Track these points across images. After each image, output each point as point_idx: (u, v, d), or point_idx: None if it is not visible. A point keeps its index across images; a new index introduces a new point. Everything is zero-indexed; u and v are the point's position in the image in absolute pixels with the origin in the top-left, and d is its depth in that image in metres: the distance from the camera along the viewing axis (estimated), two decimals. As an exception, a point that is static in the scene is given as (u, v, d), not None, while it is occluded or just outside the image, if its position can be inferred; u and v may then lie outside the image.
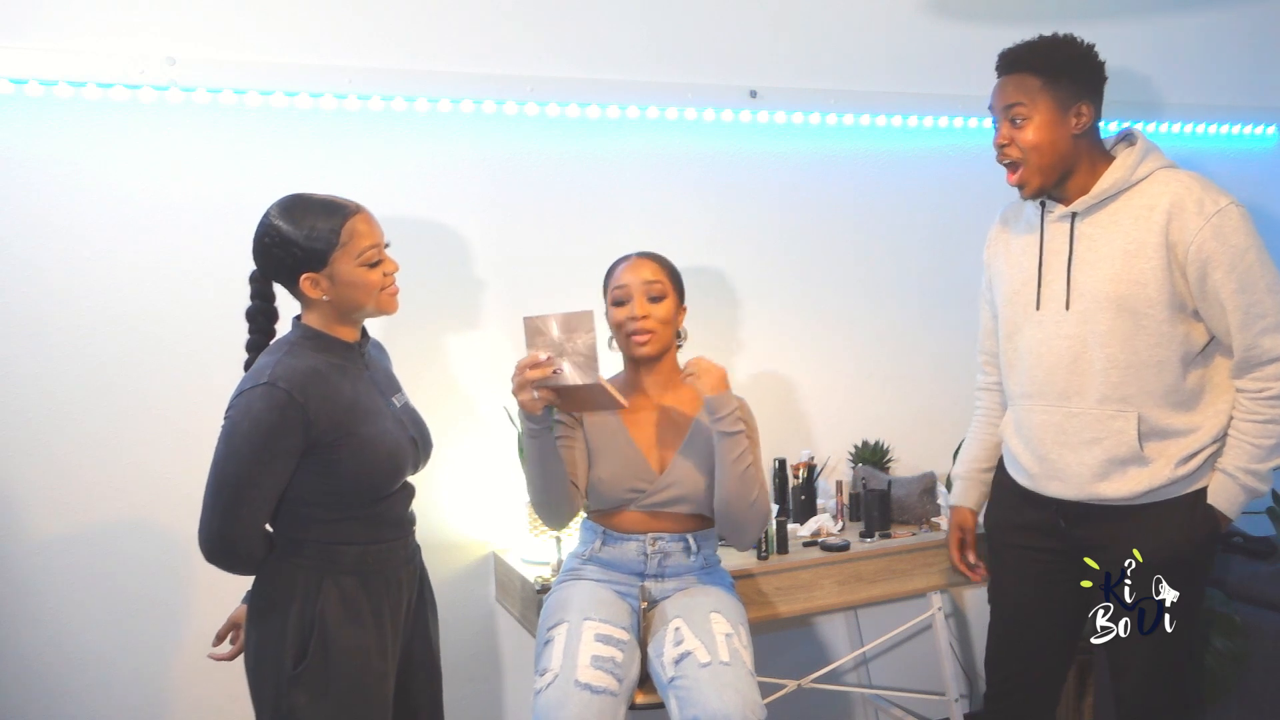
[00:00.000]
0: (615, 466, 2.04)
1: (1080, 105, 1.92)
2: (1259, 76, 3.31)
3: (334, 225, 1.68)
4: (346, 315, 1.75)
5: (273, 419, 1.61)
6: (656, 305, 2.05)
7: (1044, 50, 1.94)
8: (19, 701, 2.19)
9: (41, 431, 2.19)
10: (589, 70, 2.54)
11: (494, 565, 2.55)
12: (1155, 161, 1.95)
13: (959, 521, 2.29)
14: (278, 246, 1.68)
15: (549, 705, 1.82)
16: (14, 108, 2.13)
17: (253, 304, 1.79)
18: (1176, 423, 1.93)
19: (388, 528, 1.78)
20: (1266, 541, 2.66)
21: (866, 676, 3.00)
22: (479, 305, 2.53)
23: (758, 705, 1.83)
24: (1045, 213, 2.03)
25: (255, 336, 1.79)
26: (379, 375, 1.83)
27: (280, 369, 1.64)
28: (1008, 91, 1.95)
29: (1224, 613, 2.45)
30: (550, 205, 2.57)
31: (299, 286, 1.70)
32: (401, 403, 1.86)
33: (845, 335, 2.87)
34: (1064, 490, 2.01)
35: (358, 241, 1.70)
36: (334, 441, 1.66)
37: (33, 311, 2.17)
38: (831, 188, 2.84)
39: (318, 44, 2.32)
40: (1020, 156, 1.94)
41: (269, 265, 1.72)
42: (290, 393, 1.62)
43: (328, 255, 1.68)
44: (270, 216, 1.70)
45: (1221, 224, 1.86)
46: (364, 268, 1.71)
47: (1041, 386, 2.02)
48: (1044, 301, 2.01)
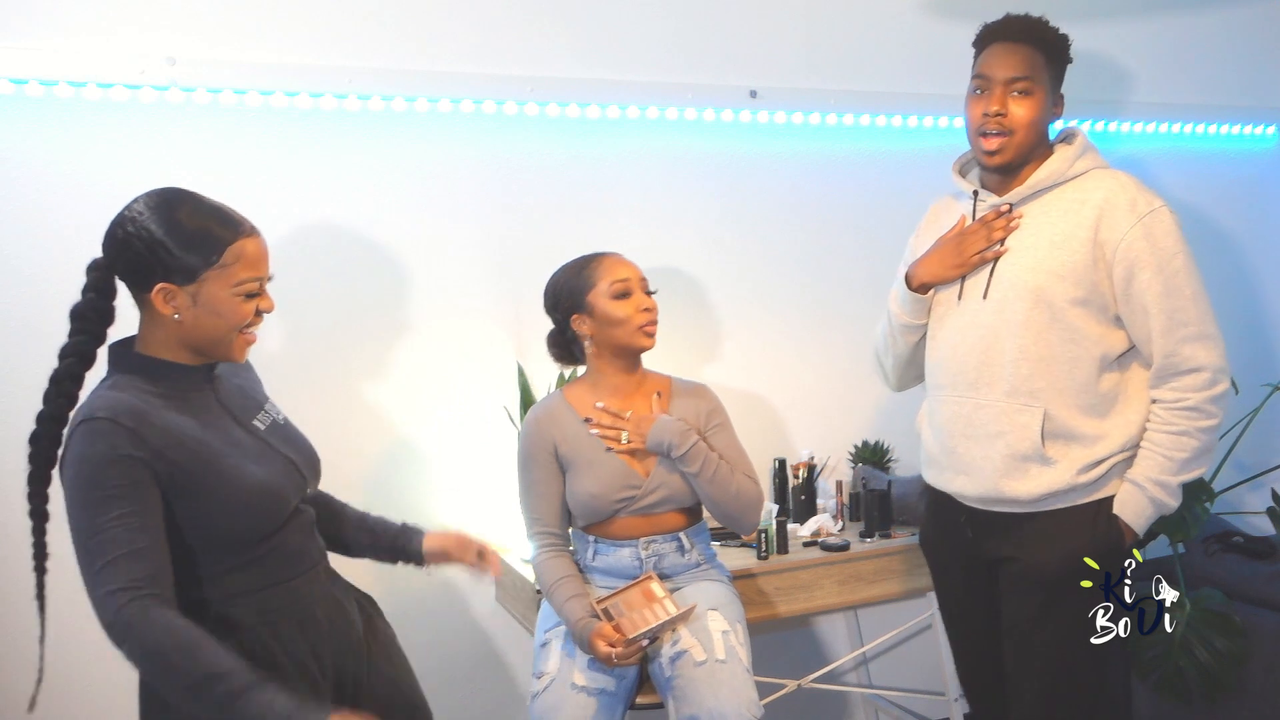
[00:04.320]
0: (601, 479, 2.02)
1: (1059, 94, 1.92)
2: (1259, 76, 3.30)
3: (221, 239, 1.43)
4: (189, 344, 1.48)
5: (98, 454, 1.35)
6: (653, 300, 2.06)
7: (1048, 30, 1.91)
8: (20, 702, 2.19)
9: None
10: (589, 70, 2.54)
11: (494, 565, 2.55)
12: (1092, 160, 1.92)
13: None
14: (142, 242, 1.42)
15: (545, 708, 1.82)
16: (14, 108, 2.13)
17: (85, 298, 1.47)
18: (1084, 427, 1.86)
19: (286, 565, 1.53)
20: (1266, 541, 2.66)
21: (866, 676, 2.99)
22: (479, 305, 2.53)
23: (754, 703, 1.83)
24: (978, 202, 1.99)
25: (78, 340, 1.47)
26: (232, 398, 1.56)
27: (99, 401, 1.40)
28: (1018, 62, 1.88)
29: (1224, 613, 2.44)
30: (550, 205, 2.57)
31: (148, 295, 1.43)
32: (268, 422, 1.59)
33: (846, 335, 2.87)
34: (967, 486, 1.96)
35: (242, 266, 1.45)
36: (188, 484, 1.41)
37: (32, 312, 2.17)
38: (832, 188, 2.84)
39: (318, 44, 2.32)
40: (1010, 128, 1.88)
41: (121, 260, 1.45)
42: (113, 419, 1.37)
43: (199, 271, 1.42)
44: (141, 205, 1.44)
45: (1153, 225, 1.81)
46: (238, 297, 1.46)
47: (953, 376, 1.97)
48: (966, 291, 1.97)
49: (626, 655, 1.83)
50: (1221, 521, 2.78)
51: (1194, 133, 3.20)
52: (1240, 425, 2.84)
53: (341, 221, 2.41)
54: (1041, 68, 1.89)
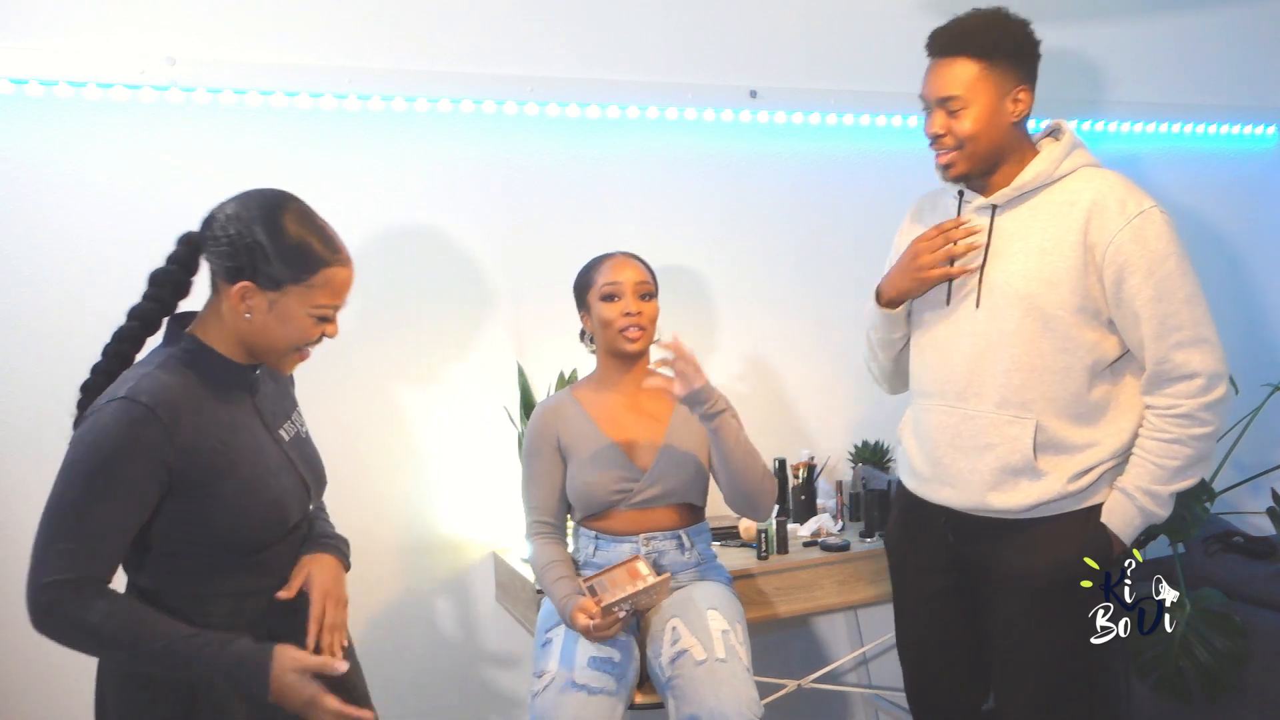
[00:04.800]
0: (599, 469, 2.04)
1: (1018, 90, 1.80)
2: (1259, 76, 3.30)
3: (318, 260, 1.44)
4: (247, 343, 1.48)
5: (121, 438, 1.33)
6: (647, 304, 2.07)
7: (980, 30, 1.80)
8: (20, 701, 2.19)
9: (42, 433, 2.19)
10: (589, 70, 2.54)
11: (494, 565, 2.55)
12: (1080, 158, 1.84)
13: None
14: (241, 238, 1.41)
15: (546, 707, 1.82)
16: (14, 108, 2.13)
17: (167, 267, 1.48)
18: (1075, 437, 1.81)
19: (270, 578, 1.51)
20: (1266, 541, 2.66)
21: (866, 676, 2.99)
22: (479, 305, 2.53)
23: (754, 702, 1.83)
24: (964, 203, 1.91)
25: (149, 306, 1.47)
26: (266, 402, 1.55)
27: (146, 383, 1.37)
28: (943, 81, 1.81)
29: (1224, 613, 2.44)
30: (550, 205, 2.57)
31: (229, 286, 1.43)
32: (292, 434, 1.58)
33: (845, 334, 2.85)
34: (954, 498, 1.90)
35: (326, 292, 1.46)
36: (204, 482, 1.40)
37: (32, 312, 2.17)
38: (832, 188, 2.84)
39: (318, 44, 2.32)
40: (956, 144, 1.82)
41: (215, 246, 1.44)
42: (153, 409, 1.35)
43: (286, 283, 1.42)
44: (252, 203, 1.44)
45: (1143, 226, 1.74)
46: (311, 318, 1.46)
47: (941, 385, 1.90)
48: (954, 296, 1.90)
49: (605, 626, 1.84)
50: (1221, 521, 2.77)
51: (1194, 133, 3.20)
52: (1240, 425, 2.84)
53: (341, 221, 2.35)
54: (974, 76, 1.78)
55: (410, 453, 2.48)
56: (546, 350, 2.53)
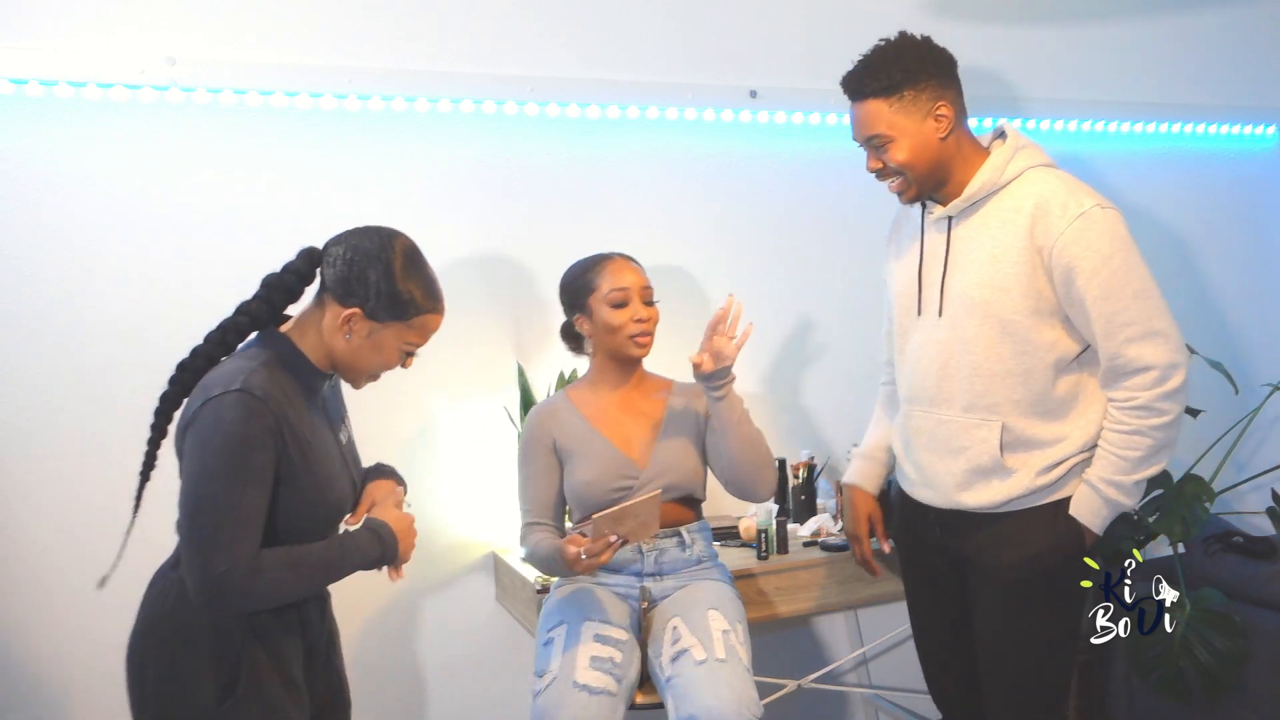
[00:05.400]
0: (597, 468, 2.04)
1: (937, 106, 1.84)
2: (1259, 76, 3.30)
3: (421, 307, 1.58)
4: (333, 358, 1.60)
5: (249, 427, 1.44)
6: (652, 309, 2.08)
7: (879, 68, 1.86)
8: (21, 702, 2.19)
9: (42, 434, 2.19)
10: (589, 70, 2.54)
11: (494, 565, 2.55)
12: (1026, 160, 1.86)
13: (853, 500, 2.19)
14: (365, 273, 1.54)
15: (547, 706, 1.82)
16: (14, 108, 2.13)
17: (284, 274, 1.59)
18: (1043, 433, 1.86)
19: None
20: (1266, 541, 2.65)
21: (866, 676, 2.99)
22: (479, 305, 2.53)
23: (754, 702, 1.83)
24: (925, 214, 1.96)
25: (260, 306, 1.57)
26: (330, 407, 1.68)
27: (255, 378, 1.48)
28: (861, 124, 1.89)
29: (1224, 613, 2.44)
30: (550, 205, 2.57)
31: (339, 308, 1.56)
32: (346, 438, 1.71)
33: (845, 334, 2.87)
34: (933, 498, 1.96)
35: (418, 333, 1.61)
36: (293, 476, 1.51)
37: (32, 312, 2.17)
38: (832, 188, 2.84)
39: (318, 44, 2.33)
40: (897, 173, 1.88)
41: (336, 269, 1.56)
42: (265, 402, 1.46)
43: (389, 320, 1.57)
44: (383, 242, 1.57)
45: (1085, 227, 1.76)
46: (399, 351, 1.61)
47: (917, 392, 1.97)
48: (924, 306, 1.95)
49: (597, 551, 1.78)
50: (1221, 521, 2.77)
51: (1194, 133, 3.20)
52: (1240, 425, 2.84)
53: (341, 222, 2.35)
54: (888, 113, 1.85)
55: (410, 453, 2.48)
56: (546, 350, 2.53)
